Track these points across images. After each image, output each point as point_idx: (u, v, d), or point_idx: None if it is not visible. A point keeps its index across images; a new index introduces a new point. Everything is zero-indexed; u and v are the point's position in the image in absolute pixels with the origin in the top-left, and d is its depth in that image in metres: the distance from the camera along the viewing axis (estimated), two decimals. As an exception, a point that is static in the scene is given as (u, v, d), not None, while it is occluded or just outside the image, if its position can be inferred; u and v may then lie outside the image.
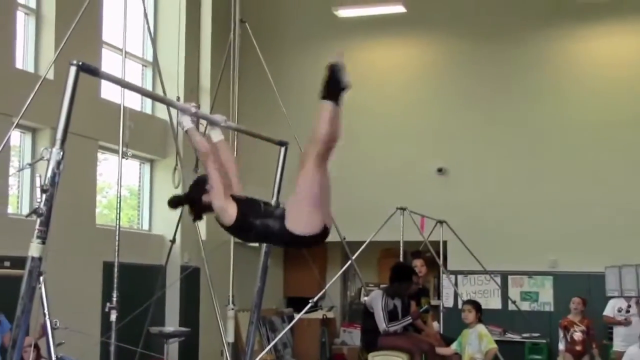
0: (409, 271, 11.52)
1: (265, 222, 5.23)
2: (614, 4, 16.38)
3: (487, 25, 17.82)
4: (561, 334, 13.31)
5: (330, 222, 5.37)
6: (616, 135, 16.75)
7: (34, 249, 4.02)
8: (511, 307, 16.18)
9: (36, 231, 4.03)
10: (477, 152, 17.55)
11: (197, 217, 5.63)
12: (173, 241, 11.59)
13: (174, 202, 5.65)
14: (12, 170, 12.55)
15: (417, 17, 17.62)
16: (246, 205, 5.31)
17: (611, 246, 15.73)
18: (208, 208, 5.39)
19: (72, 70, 4.23)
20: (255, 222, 5.26)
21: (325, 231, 5.31)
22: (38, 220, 4.02)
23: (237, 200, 5.33)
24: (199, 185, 5.44)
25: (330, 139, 5.11)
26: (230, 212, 5.24)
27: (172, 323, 15.08)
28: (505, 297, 16.73)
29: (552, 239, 16.69)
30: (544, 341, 16.08)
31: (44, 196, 4.03)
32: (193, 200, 5.48)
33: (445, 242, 15.05)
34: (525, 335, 16.26)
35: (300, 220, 5.19)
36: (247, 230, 5.37)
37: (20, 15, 13.05)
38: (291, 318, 17.18)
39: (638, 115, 16.68)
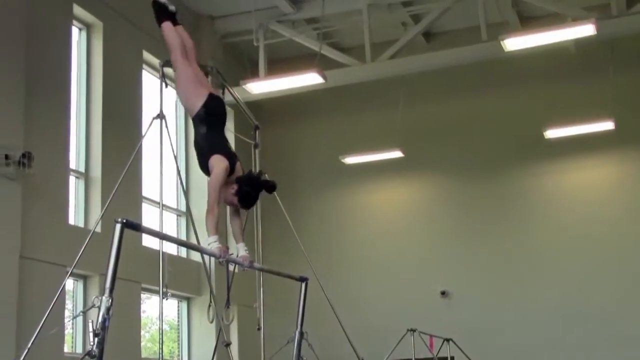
0: None
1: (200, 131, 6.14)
2: (579, 141, 16.56)
3: (473, 163, 18.13)
4: None
5: (211, 90, 6.31)
6: (600, 254, 16.80)
7: (89, 387, 4.01)
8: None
9: (90, 370, 4.03)
10: (474, 275, 17.62)
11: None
12: (210, 370, 11.46)
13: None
14: (67, 313, 12.54)
15: (413, 160, 17.84)
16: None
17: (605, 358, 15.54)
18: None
19: (118, 227, 4.29)
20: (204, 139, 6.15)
21: (211, 94, 6.19)
22: (92, 361, 4.02)
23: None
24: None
25: (175, 45, 6.31)
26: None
27: None
28: (511, 411, 16.37)
29: (551, 351, 16.48)
30: None
31: (96, 339, 4.03)
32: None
33: (452, 358, 14.85)
34: None
35: (192, 102, 6.13)
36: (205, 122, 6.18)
37: (72, 178, 13.24)
38: None
39: (612, 232, 16.89)
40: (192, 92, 6.09)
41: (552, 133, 16.14)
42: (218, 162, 5.83)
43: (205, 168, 6.03)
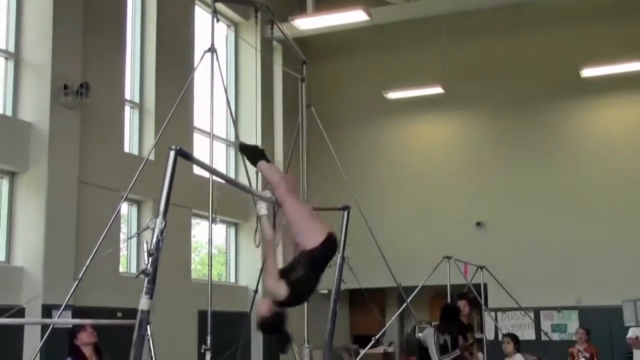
0: (456, 311, 11.32)
1: (300, 271, 5.10)
2: (612, 80, 16.33)
3: (511, 101, 18.01)
4: (570, 360, 13.09)
5: (331, 229, 5.29)
6: (627, 185, 16.74)
7: (144, 304, 4.03)
8: (544, 337, 15.94)
9: (144, 288, 4.04)
10: (508, 207, 17.66)
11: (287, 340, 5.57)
12: (256, 291, 11.55)
13: (282, 345, 5.59)
14: (122, 236, 12.72)
15: (453, 97, 17.70)
16: (288, 275, 5.12)
17: (627, 282, 15.63)
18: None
19: (171, 154, 4.27)
20: (298, 280, 5.10)
21: (331, 235, 5.21)
22: (146, 279, 4.05)
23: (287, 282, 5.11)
24: (266, 322, 5.23)
25: (278, 180, 5.51)
26: (281, 291, 5.06)
27: (257, 360, 15.06)
28: (538, 330, 16.57)
29: (577, 278, 16.69)
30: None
31: (150, 259, 4.05)
32: (274, 327, 5.27)
33: (485, 284, 14.87)
34: (557, 362, 16.00)
35: (308, 238, 5.14)
36: (300, 296, 5.25)
37: (127, 108, 13.31)
38: (357, 353, 17.02)
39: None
40: (312, 226, 5.39)
41: (588, 72, 15.88)
42: (279, 287, 5.09)
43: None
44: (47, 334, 8.58)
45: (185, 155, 4.41)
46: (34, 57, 11.18)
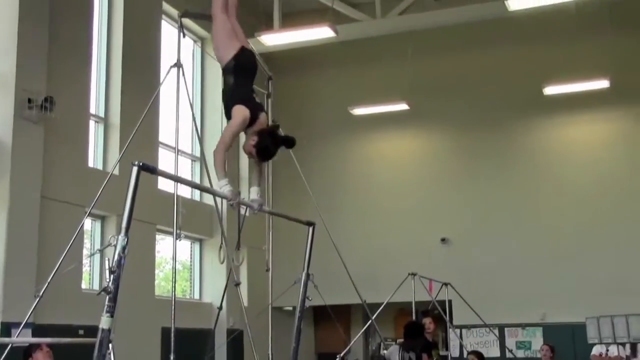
0: (420, 328, 11.30)
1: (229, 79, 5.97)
2: (574, 98, 16.53)
3: (475, 117, 18.21)
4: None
5: (245, 44, 6.15)
6: (590, 202, 16.91)
7: (104, 322, 3.99)
8: (508, 355, 15.99)
9: (105, 306, 4.00)
10: (473, 223, 17.78)
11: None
12: (220, 308, 11.49)
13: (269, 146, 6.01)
14: (85, 251, 12.57)
15: (418, 113, 17.80)
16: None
17: (590, 300, 15.72)
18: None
19: (134, 169, 4.23)
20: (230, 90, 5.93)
21: (244, 49, 6.05)
22: (107, 297, 4.00)
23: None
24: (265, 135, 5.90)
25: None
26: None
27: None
28: (503, 347, 16.60)
29: (541, 295, 16.79)
30: (536, 384, 15.88)
31: (112, 277, 4.01)
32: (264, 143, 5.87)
33: (450, 301, 14.88)
34: (521, 379, 16.05)
35: (223, 53, 5.99)
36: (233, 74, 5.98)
37: (92, 123, 13.19)
38: (322, 371, 16.98)
39: (607, 184, 17.02)
40: (225, 44, 5.96)
41: (550, 90, 16.04)
42: (238, 112, 5.71)
43: (229, 117, 5.93)
44: (5, 353, 8.42)
45: (149, 169, 4.37)
46: (-2, 69, 11.05)
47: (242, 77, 5.93)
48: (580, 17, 16.14)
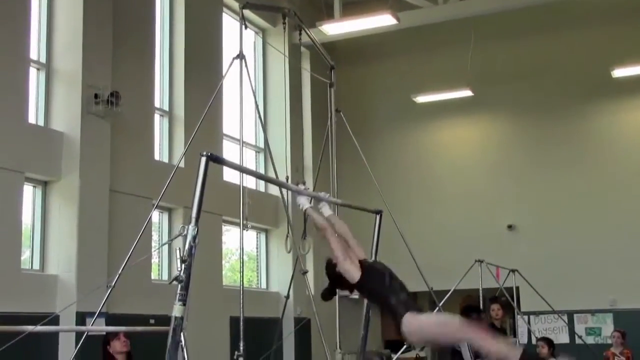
0: (475, 307, 11.16)
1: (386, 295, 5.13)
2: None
3: (541, 103, 17.94)
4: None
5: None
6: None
7: (177, 310, 4.05)
8: (578, 341, 15.82)
9: (178, 295, 4.06)
10: (540, 210, 17.57)
11: (332, 293, 5.55)
12: (287, 297, 11.59)
13: (326, 295, 5.60)
14: (153, 243, 12.78)
15: (482, 99, 17.67)
16: (370, 273, 5.20)
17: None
18: (346, 283, 5.26)
19: (203, 160, 4.30)
20: (374, 288, 5.20)
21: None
22: (179, 286, 4.06)
23: (363, 266, 5.22)
24: (331, 264, 5.36)
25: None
26: (353, 273, 5.15)
27: (289, 366, 15.06)
28: (572, 333, 16.42)
29: (611, 281, 16.53)
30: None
31: (183, 266, 4.07)
32: (335, 278, 5.36)
33: (517, 288, 14.80)
34: (592, 366, 15.86)
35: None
36: (368, 292, 5.35)
37: (157, 117, 13.39)
38: (389, 358, 17.00)
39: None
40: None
41: (619, 72, 15.77)
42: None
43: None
44: (81, 341, 8.65)
45: (217, 159, 4.44)
46: (65, 66, 11.28)
47: (377, 291, 5.33)
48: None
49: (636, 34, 17.08)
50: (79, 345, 8.67)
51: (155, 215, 12.75)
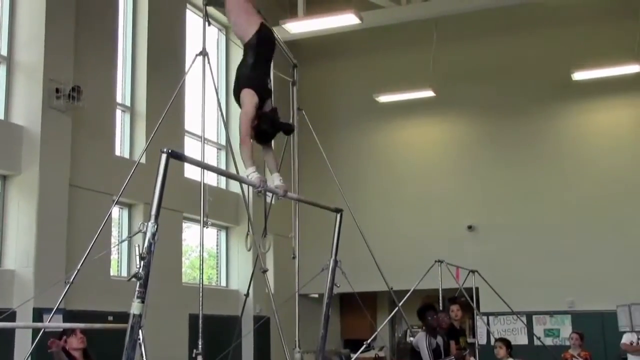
0: (428, 306, 11.17)
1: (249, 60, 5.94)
2: (603, 83, 16.42)
3: (502, 103, 18.11)
4: (564, 365, 13.05)
5: (264, 20, 6.08)
6: (620, 188, 16.80)
7: (135, 308, 4.02)
8: (537, 342, 15.94)
9: (136, 292, 4.03)
10: (500, 210, 17.72)
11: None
12: (247, 295, 11.55)
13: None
14: (112, 239, 12.69)
15: (444, 100, 17.78)
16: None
17: (621, 287, 15.62)
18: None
19: (163, 157, 4.27)
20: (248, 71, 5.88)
21: (264, 25, 6.01)
22: (138, 283, 4.04)
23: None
24: None
25: None
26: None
27: (248, 365, 15.03)
28: (530, 334, 16.55)
29: (570, 282, 16.68)
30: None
31: (142, 263, 4.05)
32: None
33: (477, 288, 14.87)
34: (549, 367, 16.01)
35: (243, 27, 6.01)
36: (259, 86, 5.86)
37: (118, 112, 13.29)
38: (348, 357, 17.04)
39: (636, 169, 16.93)
40: (245, 20, 5.98)
41: (579, 75, 15.94)
42: (247, 98, 5.72)
43: (237, 96, 5.93)
44: (37, 338, 8.56)
45: (177, 156, 4.42)
46: (26, 60, 11.19)
47: (262, 55, 5.97)
48: (609, 1, 16.05)
49: (596, 36, 17.30)
50: (35, 342, 8.57)
51: (115, 211, 12.66)
